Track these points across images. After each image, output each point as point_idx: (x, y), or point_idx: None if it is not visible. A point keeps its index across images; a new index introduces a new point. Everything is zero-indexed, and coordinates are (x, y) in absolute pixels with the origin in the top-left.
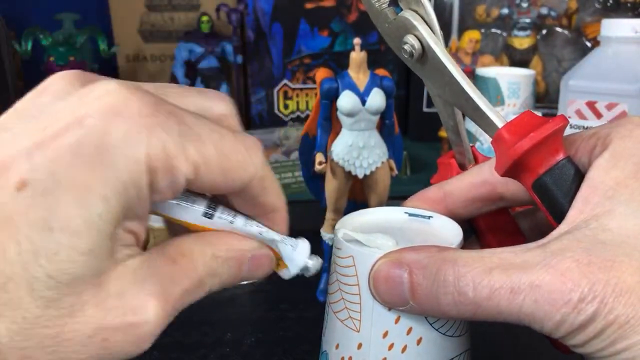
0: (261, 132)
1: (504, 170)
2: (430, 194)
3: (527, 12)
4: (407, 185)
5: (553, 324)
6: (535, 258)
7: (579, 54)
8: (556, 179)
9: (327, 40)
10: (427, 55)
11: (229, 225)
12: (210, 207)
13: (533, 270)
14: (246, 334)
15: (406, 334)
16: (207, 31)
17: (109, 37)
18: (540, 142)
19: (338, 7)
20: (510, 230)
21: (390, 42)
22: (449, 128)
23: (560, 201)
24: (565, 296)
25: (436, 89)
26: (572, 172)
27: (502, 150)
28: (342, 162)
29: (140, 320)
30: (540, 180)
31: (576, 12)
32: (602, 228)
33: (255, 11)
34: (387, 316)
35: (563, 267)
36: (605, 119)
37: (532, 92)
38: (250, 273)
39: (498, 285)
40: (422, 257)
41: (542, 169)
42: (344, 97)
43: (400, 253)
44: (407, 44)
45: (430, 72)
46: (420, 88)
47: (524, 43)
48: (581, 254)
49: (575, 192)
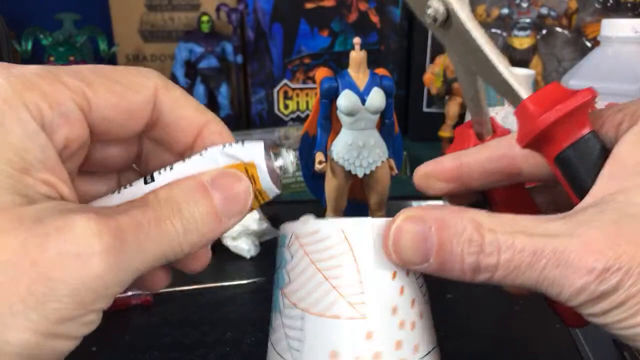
0: (261, 132)
1: (527, 141)
2: (446, 163)
3: (527, 12)
4: (407, 185)
5: (573, 290)
6: (560, 228)
7: (579, 54)
8: (580, 152)
9: (327, 40)
10: (451, 20)
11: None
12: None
13: (558, 238)
14: (246, 334)
15: (410, 306)
16: (207, 31)
17: (109, 37)
18: (567, 115)
19: (338, 7)
20: (526, 204)
21: (412, 5)
22: (469, 97)
23: (583, 176)
24: (589, 264)
25: (459, 56)
26: (597, 146)
27: (526, 121)
28: (342, 162)
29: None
30: (564, 153)
31: (576, 12)
32: (630, 202)
33: (255, 11)
34: (392, 287)
35: (589, 237)
36: None
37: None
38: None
39: (520, 247)
40: (447, 214)
41: (566, 142)
42: (344, 96)
43: (424, 210)
44: (430, 7)
45: (454, 38)
46: (420, 88)
47: (524, 43)
48: (609, 225)
49: (600, 167)
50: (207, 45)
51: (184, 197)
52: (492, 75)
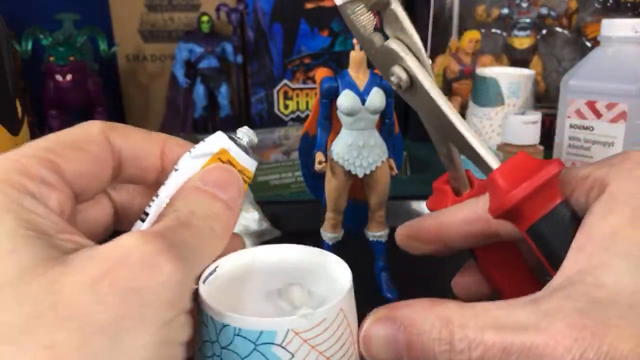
0: (261, 132)
1: (498, 215)
2: (426, 224)
3: (527, 12)
4: (407, 185)
5: None
6: (529, 318)
7: (579, 54)
8: (551, 225)
9: (327, 40)
10: (415, 86)
11: (161, 200)
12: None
13: (525, 332)
14: None
15: None
16: (207, 31)
17: (109, 37)
18: (535, 191)
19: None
20: (511, 259)
21: (379, 68)
22: (442, 153)
23: (555, 247)
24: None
25: (427, 119)
26: (568, 217)
27: (495, 195)
28: (342, 162)
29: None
30: (535, 227)
31: (576, 12)
32: (596, 284)
33: (255, 11)
34: None
35: (555, 330)
36: (605, 118)
37: (532, 92)
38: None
39: (491, 344)
40: (415, 312)
41: (537, 215)
42: (344, 96)
43: (393, 310)
44: (394, 75)
45: (420, 103)
46: None
47: (524, 43)
48: (574, 316)
49: (571, 238)
50: (207, 45)
51: (189, 205)
52: (460, 142)
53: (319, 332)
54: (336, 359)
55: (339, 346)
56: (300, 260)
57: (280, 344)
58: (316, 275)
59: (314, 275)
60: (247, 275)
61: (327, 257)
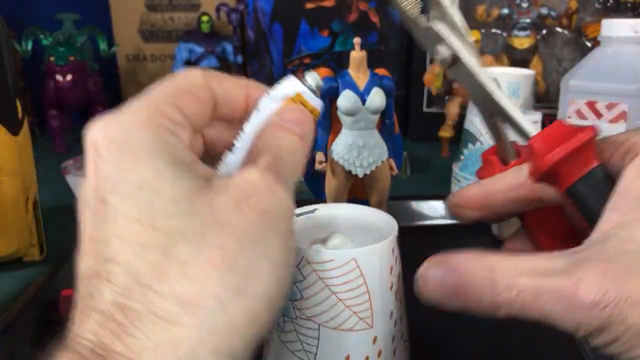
0: None
1: (536, 178)
2: (472, 192)
3: (527, 12)
4: (407, 185)
5: (572, 325)
6: (562, 265)
7: (579, 54)
8: (589, 186)
9: (327, 40)
10: (458, 63)
11: (247, 134)
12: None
13: (556, 276)
14: None
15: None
16: (207, 31)
17: (109, 37)
18: (570, 154)
19: (338, 7)
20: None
21: (424, 48)
22: (489, 125)
23: (592, 207)
24: (581, 301)
25: (471, 92)
26: (604, 179)
27: (533, 159)
28: (342, 162)
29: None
30: (573, 187)
31: (576, 12)
32: (628, 238)
33: (255, 11)
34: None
35: (581, 274)
36: (605, 119)
37: (532, 92)
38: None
39: (523, 287)
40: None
41: (574, 177)
42: (344, 96)
43: (447, 256)
44: (438, 53)
45: (464, 79)
46: (420, 88)
47: (524, 43)
48: (599, 264)
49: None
50: (207, 45)
51: (276, 140)
52: (501, 112)
53: (327, 268)
54: (343, 297)
55: (347, 287)
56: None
57: (297, 266)
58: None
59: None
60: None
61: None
